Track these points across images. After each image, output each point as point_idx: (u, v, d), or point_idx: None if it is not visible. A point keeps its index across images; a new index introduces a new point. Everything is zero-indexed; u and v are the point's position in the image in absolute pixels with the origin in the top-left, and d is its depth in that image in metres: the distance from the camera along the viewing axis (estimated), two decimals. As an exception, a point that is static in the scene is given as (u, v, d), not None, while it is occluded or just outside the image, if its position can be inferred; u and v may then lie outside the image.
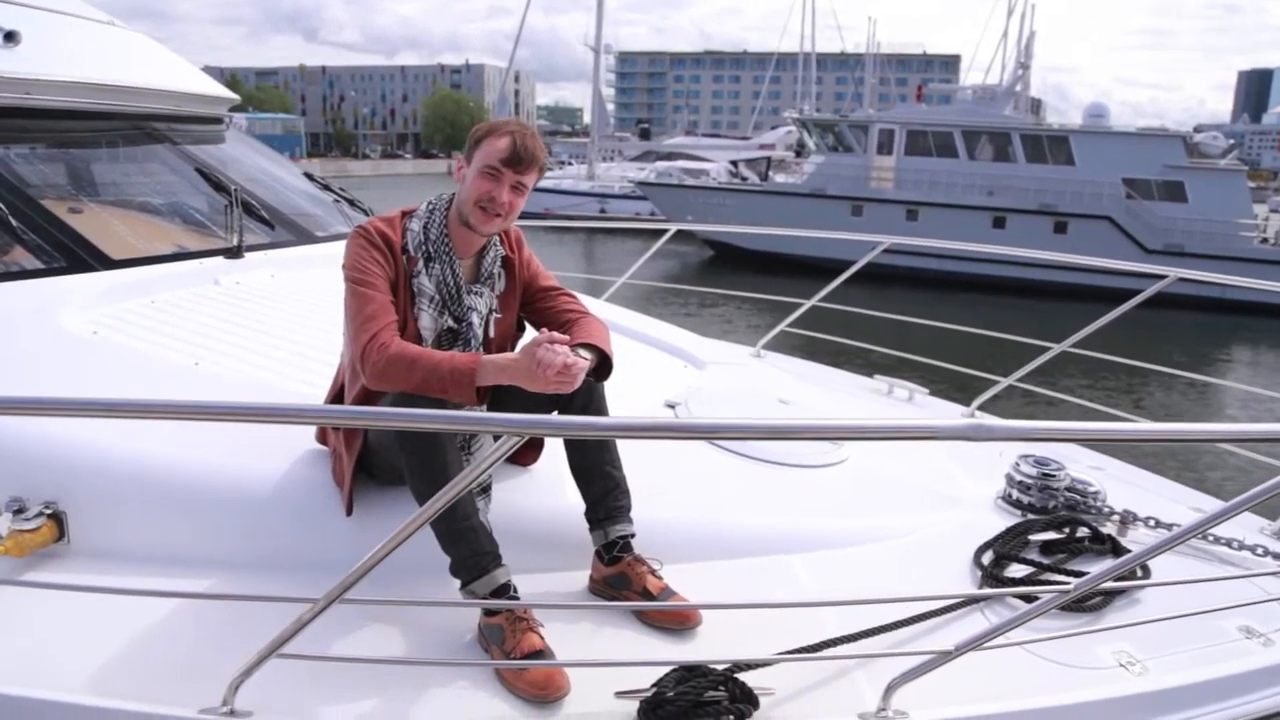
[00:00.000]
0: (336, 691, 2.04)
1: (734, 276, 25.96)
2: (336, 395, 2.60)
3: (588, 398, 2.44)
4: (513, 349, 2.60)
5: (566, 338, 2.26)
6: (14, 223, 3.36)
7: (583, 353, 2.27)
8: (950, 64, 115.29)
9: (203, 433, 2.62)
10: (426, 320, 2.45)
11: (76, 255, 3.48)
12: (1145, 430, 1.74)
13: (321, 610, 1.79)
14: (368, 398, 2.40)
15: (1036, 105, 36.42)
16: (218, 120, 5.05)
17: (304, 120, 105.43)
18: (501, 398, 2.40)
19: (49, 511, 2.47)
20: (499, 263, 2.58)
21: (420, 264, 2.46)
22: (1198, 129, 30.70)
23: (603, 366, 2.42)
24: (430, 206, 2.52)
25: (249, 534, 2.51)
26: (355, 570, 1.76)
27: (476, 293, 2.53)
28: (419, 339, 2.43)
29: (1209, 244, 24.23)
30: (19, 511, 2.45)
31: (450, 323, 2.48)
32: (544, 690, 2.04)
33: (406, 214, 2.52)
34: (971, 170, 26.66)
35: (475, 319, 2.51)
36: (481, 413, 2.52)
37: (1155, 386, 14.88)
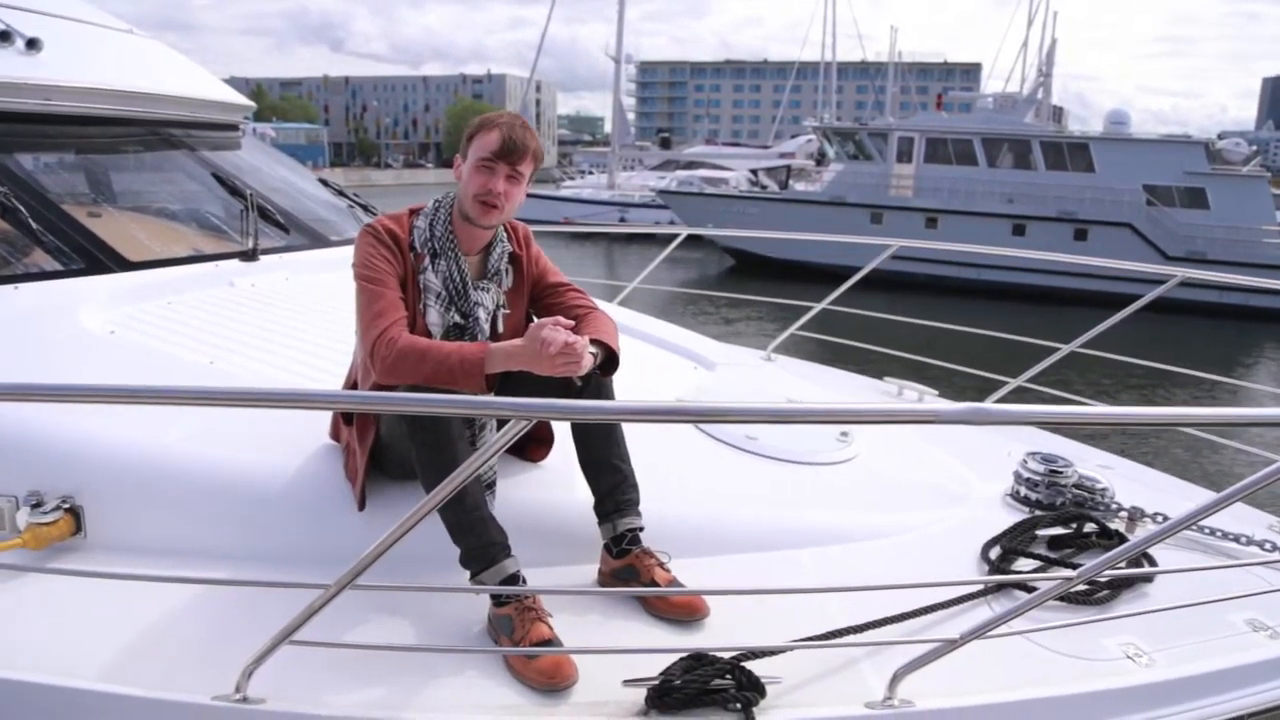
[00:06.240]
0: (347, 678, 2.06)
1: (755, 284, 25.92)
2: None
3: (595, 392, 2.46)
4: None
5: (569, 320, 2.29)
6: (34, 225, 3.42)
7: (590, 347, 2.30)
8: (971, 72, 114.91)
9: (218, 429, 2.66)
10: (433, 316, 2.49)
11: (95, 257, 3.54)
12: (1141, 414, 1.76)
13: (332, 597, 1.82)
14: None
15: (1058, 113, 36.13)
16: (234, 127, 5.11)
17: (327, 130, 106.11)
18: (510, 389, 2.42)
19: (66, 505, 2.52)
20: (506, 259, 2.62)
21: (427, 260, 2.50)
22: (1221, 136, 30.35)
23: (610, 361, 2.45)
24: (436, 204, 2.56)
25: (263, 529, 2.55)
26: (365, 556, 1.78)
27: (483, 288, 2.56)
28: (426, 335, 2.47)
29: (1231, 251, 23.96)
30: (37, 505, 2.49)
31: (457, 318, 2.52)
32: (552, 678, 2.07)
33: (414, 212, 2.57)
34: (991, 178, 26.51)
35: (481, 314, 2.54)
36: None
37: (1171, 389, 14.64)
